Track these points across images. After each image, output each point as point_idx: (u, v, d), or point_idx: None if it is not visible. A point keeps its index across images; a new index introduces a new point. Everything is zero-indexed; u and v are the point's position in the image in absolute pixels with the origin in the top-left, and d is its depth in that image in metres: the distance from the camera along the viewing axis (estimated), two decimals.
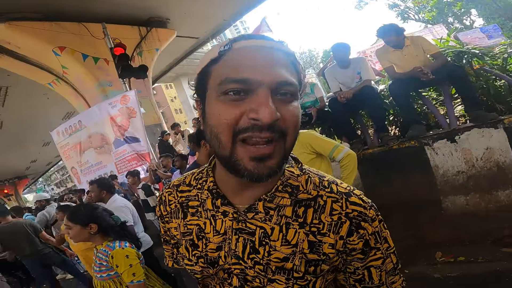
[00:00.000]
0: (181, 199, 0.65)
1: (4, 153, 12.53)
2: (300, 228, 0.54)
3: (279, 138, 0.47)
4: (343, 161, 2.01)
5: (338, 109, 3.26)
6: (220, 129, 0.47)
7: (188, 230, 0.62)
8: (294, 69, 0.51)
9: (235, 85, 0.46)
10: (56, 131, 7.04)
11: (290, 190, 0.56)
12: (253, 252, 0.54)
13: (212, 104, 0.49)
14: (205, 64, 0.51)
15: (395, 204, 3.02)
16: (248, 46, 0.49)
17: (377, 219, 0.57)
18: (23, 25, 5.28)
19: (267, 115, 0.44)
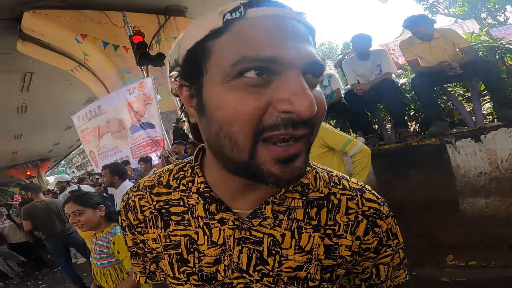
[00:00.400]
0: (158, 204, 0.52)
1: (28, 136, 13.14)
2: (315, 232, 0.48)
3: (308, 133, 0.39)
4: (356, 156, 1.94)
5: (355, 102, 3.15)
6: (237, 127, 0.36)
7: (173, 242, 0.51)
8: (314, 45, 0.41)
9: (257, 66, 0.35)
10: (76, 115, 7.28)
11: (301, 190, 0.48)
12: (260, 264, 0.47)
13: (219, 93, 0.37)
14: (201, 37, 0.38)
15: (410, 203, 2.92)
16: (268, 15, 0.37)
17: (390, 215, 0.52)
18: (47, 13, 5.43)
19: (306, 106, 0.34)
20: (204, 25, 0.38)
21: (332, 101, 3.45)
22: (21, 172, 18.40)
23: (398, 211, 2.49)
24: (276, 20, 0.37)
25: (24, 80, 7.95)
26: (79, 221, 1.65)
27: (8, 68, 7.08)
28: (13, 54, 6.46)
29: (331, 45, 35.72)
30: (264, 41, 0.35)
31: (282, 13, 0.37)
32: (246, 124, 0.35)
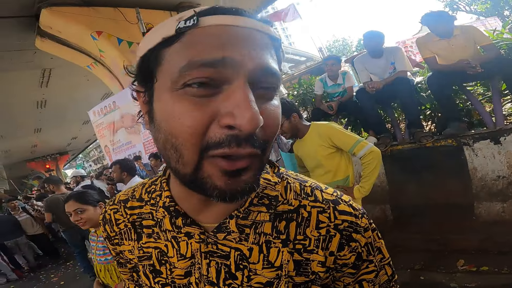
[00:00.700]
0: (131, 217, 0.53)
1: (47, 130, 13.63)
2: (284, 247, 0.45)
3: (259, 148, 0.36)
4: (365, 158, 1.87)
5: (367, 100, 3.06)
6: (181, 139, 0.35)
7: (146, 254, 0.51)
8: (277, 56, 0.40)
9: (203, 72, 0.33)
10: (92, 110, 7.50)
11: (268, 202, 0.46)
12: (229, 278, 0.45)
13: (165, 101, 0.36)
14: (153, 45, 0.37)
15: (423, 206, 2.84)
16: (221, 24, 0.35)
17: (370, 229, 0.48)
18: (64, 10, 5.54)
19: (248, 121, 0.32)
20: (158, 32, 0.37)
21: (343, 99, 3.37)
22: (40, 165, 19.11)
23: (409, 214, 2.43)
24: (230, 28, 0.35)
25: (44, 76, 8.21)
26: (81, 219, 1.67)
27: (28, 65, 7.32)
28: (32, 51, 6.66)
29: (345, 42, 35.04)
30: (211, 46, 0.33)
31: (239, 23, 0.36)
32: (189, 138, 0.34)
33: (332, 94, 3.57)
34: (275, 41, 0.40)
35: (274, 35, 0.39)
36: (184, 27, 0.35)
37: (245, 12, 0.37)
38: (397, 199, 3.11)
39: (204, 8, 0.36)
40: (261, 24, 0.38)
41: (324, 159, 1.98)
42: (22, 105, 9.77)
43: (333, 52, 31.85)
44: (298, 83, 4.29)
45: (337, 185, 2.00)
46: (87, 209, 1.68)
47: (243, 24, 0.36)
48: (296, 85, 4.34)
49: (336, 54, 31.47)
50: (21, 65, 7.17)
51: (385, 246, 0.50)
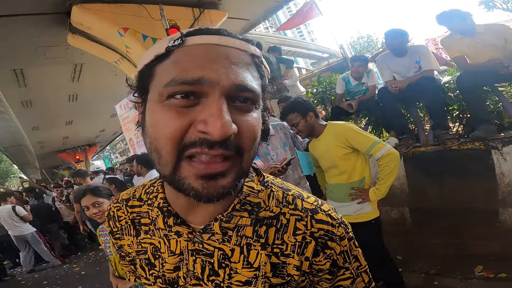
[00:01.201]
0: (131, 215, 0.59)
1: (78, 122, 14.39)
2: (262, 250, 0.49)
3: (236, 155, 0.40)
4: (382, 160, 1.82)
5: (389, 99, 2.96)
6: (161, 143, 0.40)
7: (143, 249, 0.57)
8: (257, 72, 0.44)
9: (184, 87, 0.38)
10: (119, 104, 7.82)
11: (250, 208, 0.50)
12: (212, 274, 0.50)
13: (154, 110, 0.41)
14: (148, 61, 0.43)
15: (444, 210, 2.75)
16: (204, 43, 0.41)
17: (346, 237, 0.52)
18: (93, 7, 5.79)
19: (218, 128, 0.36)
20: (153, 51, 0.43)
21: (364, 98, 3.28)
22: (71, 156, 20.24)
23: (429, 218, 2.36)
24: (211, 47, 0.41)
25: (75, 71, 8.66)
26: (98, 212, 1.77)
27: (61, 60, 7.74)
28: (65, 47, 7.03)
29: (370, 38, 33.74)
30: (192, 65, 0.39)
31: (221, 41, 0.41)
32: (168, 141, 0.39)
33: (354, 92, 3.47)
34: (256, 58, 0.45)
35: (254, 53, 0.44)
36: (172, 45, 0.41)
37: (227, 32, 0.43)
38: (417, 202, 3.01)
39: (191, 29, 0.43)
40: (242, 43, 0.43)
41: (339, 160, 1.95)
42: (56, 99, 10.39)
43: (357, 49, 30.80)
44: (318, 81, 4.22)
45: (352, 187, 1.97)
46: (103, 202, 1.78)
47: (224, 43, 0.41)
48: (315, 82, 4.27)
49: (360, 51, 30.40)
50: (55, 61, 7.61)
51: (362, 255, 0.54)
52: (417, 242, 2.80)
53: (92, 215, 1.79)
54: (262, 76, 0.46)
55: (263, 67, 0.46)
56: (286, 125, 2.66)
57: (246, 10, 8.30)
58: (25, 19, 5.61)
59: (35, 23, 5.87)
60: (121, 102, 7.78)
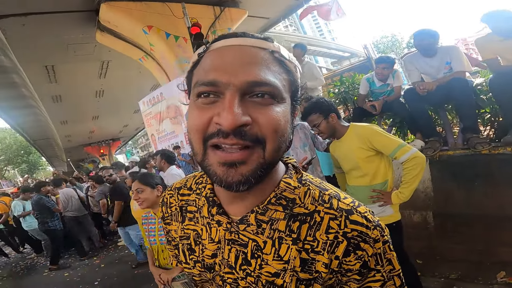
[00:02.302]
0: (181, 202, 0.65)
1: (104, 117, 15.00)
2: (293, 244, 0.50)
3: (256, 145, 0.44)
4: (407, 163, 1.76)
5: (416, 101, 2.85)
6: (192, 135, 0.47)
7: (186, 234, 0.62)
8: (281, 67, 0.47)
9: (204, 88, 0.44)
10: (142, 101, 8.06)
11: (285, 203, 0.51)
12: (245, 264, 0.52)
13: (190, 108, 0.48)
14: (190, 68, 0.51)
15: (470, 215, 2.67)
16: (222, 46, 0.46)
17: (381, 240, 0.51)
18: (120, 5, 5.98)
19: (227, 120, 0.41)
20: (192, 59, 0.51)
21: (388, 99, 3.18)
22: (96, 149, 21.17)
23: (453, 223, 2.27)
24: (226, 48, 0.46)
25: (102, 68, 9.01)
26: (139, 198, 1.88)
27: (89, 57, 8.08)
28: (93, 44, 7.33)
29: (394, 38, 32.57)
30: (209, 68, 0.45)
31: (236, 42, 0.46)
32: (195, 132, 0.46)
33: (379, 93, 3.36)
34: (276, 54, 0.47)
35: (273, 49, 0.47)
36: (200, 53, 0.49)
37: (243, 33, 0.48)
38: (441, 207, 2.89)
39: (216, 37, 0.49)
40: (257, 41, 0.46)
41: (362, 162, 1.90)
42: (84, 94, 10.87)
43: (381, 48, 29.84)
44: (340, 81, 4.14)
45: (374, 189, 1.92)
46: (145, 189, 1.88)
47: (241, 43, 0.46)
48: (337, 82, 4.19)
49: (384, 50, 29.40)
50: (83, 58, 7.95)
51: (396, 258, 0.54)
52: (438, 247, 2.72)
53: (135, 199, 1.92)
54: (287, 70, 0.48)
55: (287, 62, 0.48)
56: (306, 125, 2.63)
57: (266, 9, 8.31)
58: (57, 17, 5.88)
59: (66, 21, 6.14)
60: (144, 98, 8.01)
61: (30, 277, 5.36)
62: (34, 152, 31.50)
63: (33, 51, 6.88)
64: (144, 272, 4.05)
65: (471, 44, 6.74)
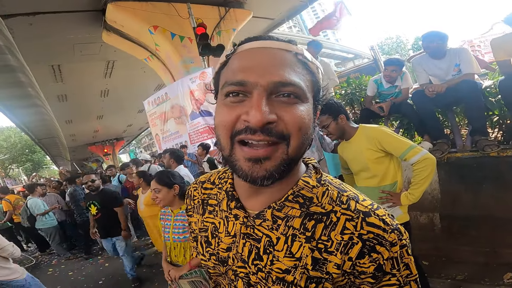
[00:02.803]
0: (203, 196, 0.67)
1: (108, 116, 15.07)
2: (306, 242, 0.51)
3: (281, 141, 0.46)
4: (418, 165, 1.75)
5: (424, 103, 2.84)
6: (220, 131, 0.49)
7: (205, 227, 0.64)
8: (304, 69, 0.49)
9: (233, 88, 0.47)
10: (147, 101, 8.09)
11: (302, 201, 0.53)
12: (257, 259, 0.54)
13: (218, 107, 0.51)
14: (217, 69, 0.53)
15: (477, 218, 2.65)
16: (249, 48, 0.49)
17: (398, 244, 0.50)
18: (126, 5, 6.00)
19: (255, 117, 0.43)
20: (220, 60, 0.53)
21: (396, 100, 3.16)
22: (100, 149, 21.27)
23: (460, 225, 2.25)
24: (253, 50, 0.48)
25: (107, 67, 9.06)
26: (156, 197, 1.91)
27: (95, 57, 8.13)
28: (99, 44, 7.37)
29: (399, 39, 32.41)
30: (238, 69, 0.48)
31: (263, 45, 0.48)
32: (224, 129, 0.48)
33: (386, 95, 3.34)
34: (299, 56, 0.49)
35: (297, 51, 0.49)
36: (228, 54, 0.51)
37: (269, 36, 0.50)
38: (448, 209, 2.88)
39: (243, 40, 0.51)
40: (282, 44, 0.49)
41: (371, 163, 1.89)
42: (89, 94, 10.93)
43: (385, 50, 29.70)
44: (347, 82, 4.12)
45: (383, 190, 1.91)
46: (161, 189, 1.90)
47: (267, 45, 0.48)
48: (344, 84, 4.18)
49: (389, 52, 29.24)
50: (89, 57, 8.00)
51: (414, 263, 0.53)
52: (445, 249, 2.71)
53: (153, 198, 1.95)
54: (310, 71, 0.50)
55: (309, 63, 0.50)
56: None
57: (271, 10, 8.32)
58: (64, 17, 5.91)
59: (72, 20, 6.18)
60: (149, 98, 8.03)
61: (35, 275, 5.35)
62: (38, 151, 31.68)
63: (39, 50, 6.94)
64: (149, 272, 4.07)
65: (477, 46, 6.68)
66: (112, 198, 3.64)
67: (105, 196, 3.61)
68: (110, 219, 3.58)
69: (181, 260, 1.86)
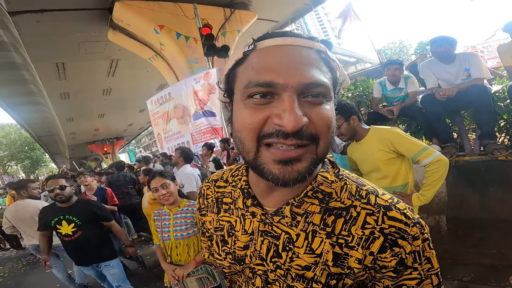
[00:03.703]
0: (217, 194, 0.66)
1: (109, 116, 15.08)
2: (327, 238, 0.50)
3: (311, 142, 0.44)
4: (430, 166, 1.76)
5: (433, 107, 2.84)
6: (244, 134, 0.46)
7: (220, 226, 0.63)
8: (327, 67, 0.47)
9: (259, 89, 0.44)
10: (150, 100, 8.09)
11: (321, 197, 0.52)
12: (276, 256, 0.53)
13: (238, 108, 0.48)
14: (231, 66, 0.50)
15: (484, 220, 2.66)
16: (272, 45, 0.45)
17: (420, 238, 0.49)
18: (133, 4, 6.03)
19: (291, 122, 0.41)
20: (233, 56, 0.49)
21: (405, 104, 3.18)
22: (99, 147, 21.24)
23: (466, 227, 2.25)
24: (279, 48, 0.45)
25: (111, 66, 9.08)
26: (166, 193, 1.84)
27: (100, 55, 8.15)
28: (104, 42, 7.40)
29: (402, 44, 32.61)
30: (263, 68, 0.44)
31: (287, 42, 0.45)
32: (249, 131, 0.45)
33: (391, 98, 3.37)
34: (322, 53, 0.47)
35: (320, 48, 0.47)
36: (247, 50, 0.47)
37: (291, 33, 0.47)
38: (455, 211, 2.89)
39: (261, 35, 0.48)
40: (306, 41, 0.46)
41: (382, 164, 1.90)
42: (91, 92, 10.93)
43: (388, 54, 29.90)
44: (354, 85, 4.14)
45: (394, 191, 1.92)
46: (170, 183, 1.87)
47: (292, 42, 0.45)
48: (351, 86, 4.19)
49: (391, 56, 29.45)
50: (94, 56, 8.01)
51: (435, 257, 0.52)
52: (451, 250, 2.71)
53: (161, 196, 1.86)
54: (331, 69, 0.48)
55: (331, 61, 0.48)
56: None
57: (276, 12, 8.38)
58: (71, 15, 5.93)
59: (79, 18, 6.19)
60: (152, 97, 8.03)
61: (33, 274, 5.26)
62: (37, 148, 31.59)
63: (45, 48, 6.95)
64: (155, 269, 4.04)
65: (480, 51, 6.71)
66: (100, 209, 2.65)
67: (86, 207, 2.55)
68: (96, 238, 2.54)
69: (184, 259, 1.85)
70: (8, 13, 5.09)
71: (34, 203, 3.38)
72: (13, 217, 3.27)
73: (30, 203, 3.36)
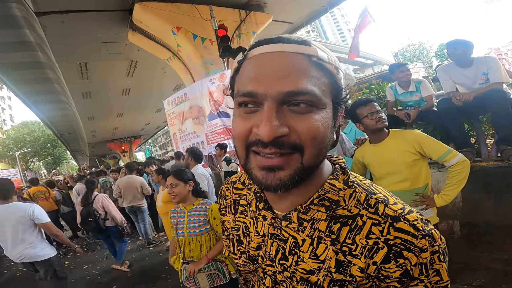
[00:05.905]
0: (235, 196, 0.70)
1: (128, 115, 15.49)
2: (331, 245, 0.51)
3: (294, 152, 0.45)
4: (456, 167, 1.79)
5: (450, 111, 2.79)
6: (236, 141, 0.49)
7: (236, 226, 0.66)
8: (320, 71, 0.46)
9: (244, 99, 0.46)
10: (167, 100, 8.27)
11: (328, 204, 0.52)
12: (283, 258, 0.55)
13: (234, 116, 0.50)
14: (232, 74, 0.52)
15: (499, 226, 2.61)
16: (259, 53, 0.46)
17: (429, 250, 0.47)
18: (152, 5, 6.18)
19: (265, 132, 0.42)
20: (233, 65, 0.52)
21: (422, 108, 3.13)
22: (118, 146, 21.86)
23: (480, 233, 2.21)
24: (262, 56, 0.46)
25: (131, 67, 9.35)
26: (173, 192, 1.95)
27: (120, 56, 8.41)
28: (124, 43, 7.63)
29: (422, 46, 31.70)
30: (248, 78, 0.46)
31: (274, 49, 0.45)
32: (238, 139, 0.48)
33: (404, 102, 3.32)
34: (314, 58, 0.45)
35: (310, 53, 0.45)
36: (240, 60, 0.49)
37: (279, 38, 0.47)
38: (469, 216, 2.83)
39: (253, 43, 0.49)
40: (295, 46, 0.45)
41: (406, 166, 1.91)
42: (111, 92, 11.28)
43: (407, 56, 29.21)
44: (369, 88, 4.11)
45: (416, 193, 1.92)
46: (178, 184, 1.95)
47: (278, 49, 0.45)
48: (366, 90, 4.16)
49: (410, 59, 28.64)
50: (114, 56, 8.28)
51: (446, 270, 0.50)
52: (463, 256, 2.66)
53: (170, 193, 1.98)
54: (328, 73, 0.46)
55: (326, 64, 0.46)
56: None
57: (291, 14, 8.38)
58: (94, 15, 6.16)
59: (101, 19, 6.43)
60: (169, 97, 8.20)
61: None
62: (59, 146, 32.79)
63: (69, 48, 7.24)
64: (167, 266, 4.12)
65: (504, 54, 6.48)
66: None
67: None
68: None
69: (196, 255, 1.92)
70: (35, 13, 5.37)
71: (139, 178, 5.11)
72: (124, 185, 4.94)
73: (136, 178, 5.06)
